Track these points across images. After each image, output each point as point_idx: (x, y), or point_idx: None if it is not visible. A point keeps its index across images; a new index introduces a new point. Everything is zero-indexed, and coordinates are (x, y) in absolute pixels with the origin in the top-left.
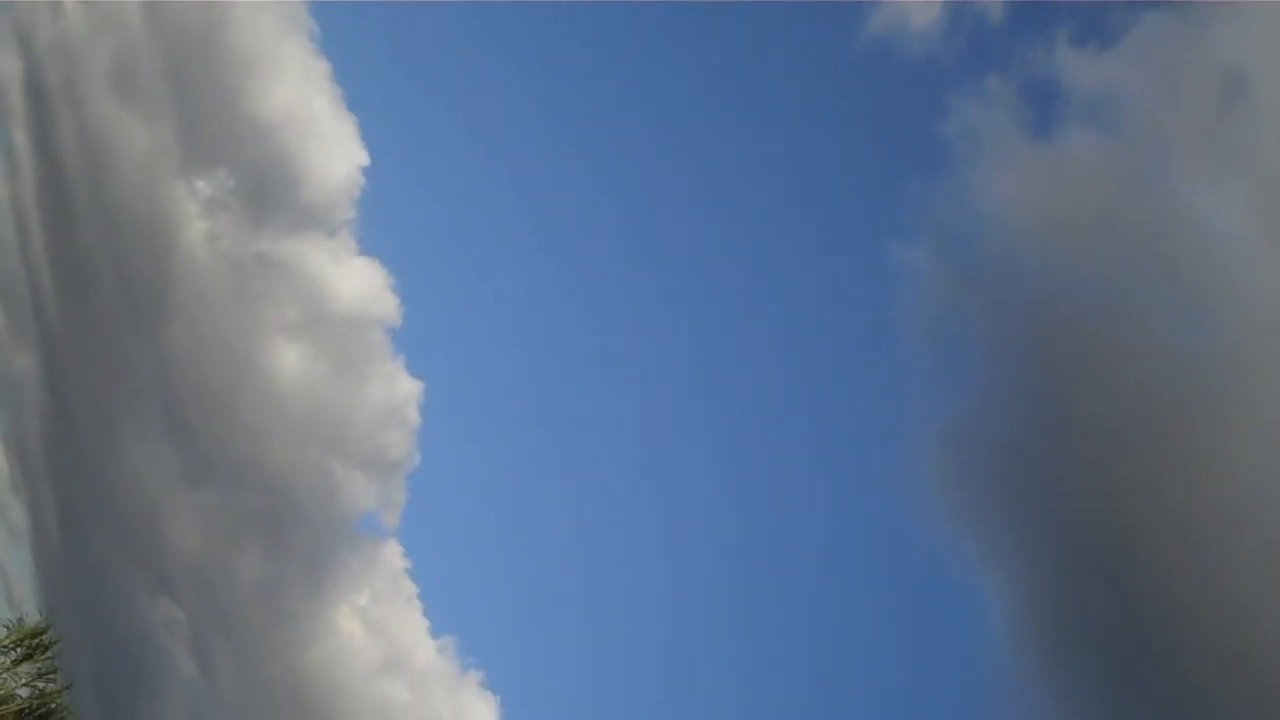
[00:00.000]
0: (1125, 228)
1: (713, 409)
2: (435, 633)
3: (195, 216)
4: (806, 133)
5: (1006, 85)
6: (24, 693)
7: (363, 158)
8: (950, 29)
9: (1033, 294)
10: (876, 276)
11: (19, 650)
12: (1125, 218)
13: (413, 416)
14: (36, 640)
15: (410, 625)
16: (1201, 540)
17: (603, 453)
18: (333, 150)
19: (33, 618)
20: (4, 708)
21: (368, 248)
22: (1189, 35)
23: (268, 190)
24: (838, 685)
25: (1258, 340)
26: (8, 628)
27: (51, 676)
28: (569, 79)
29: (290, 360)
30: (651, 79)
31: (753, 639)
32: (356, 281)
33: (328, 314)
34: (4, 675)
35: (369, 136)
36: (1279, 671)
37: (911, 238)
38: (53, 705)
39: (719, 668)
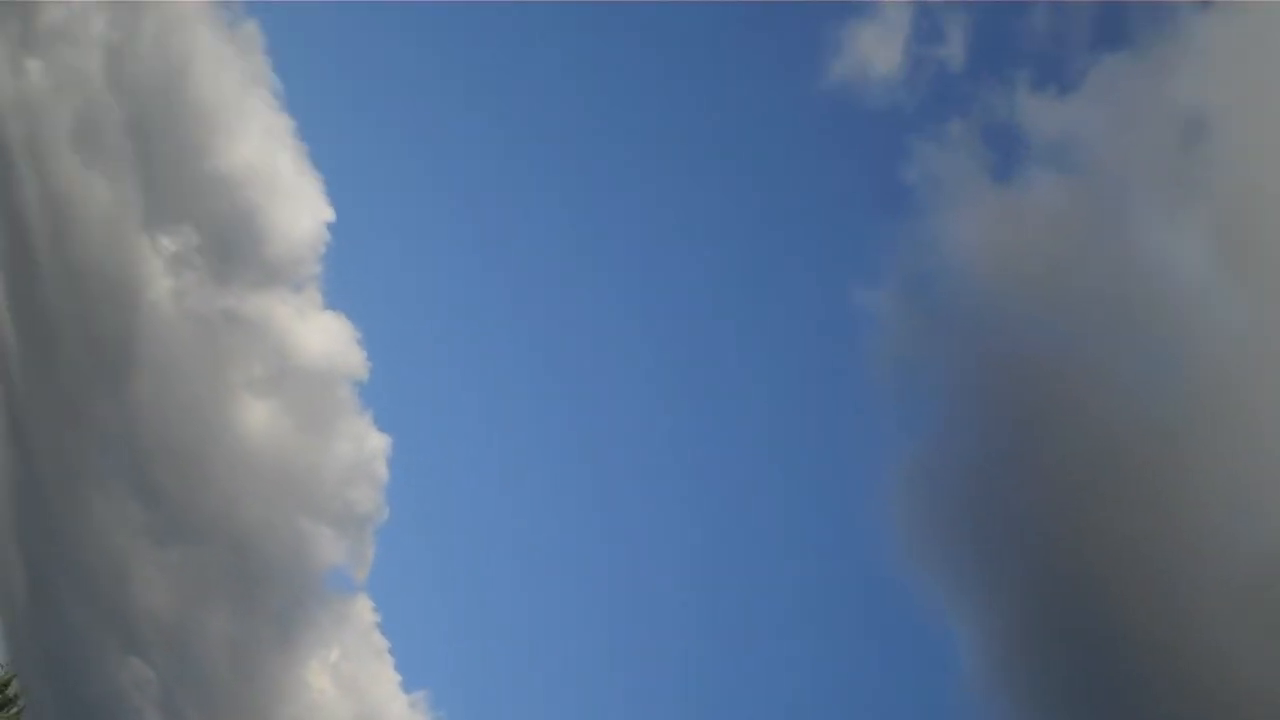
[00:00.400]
0: (1087, 269)
1: (676, 455)
2: (407, 687)
3: (160, 273)
4: (768, 177)
5: (968, 129)
6: None
7: (328, 213)
8: (912, 74)
9: (996, 335)
10: (839, 319)
11: None
12: (1087, 259)
13: (381, 471)
14: (1, 694)
15: (382, 680)
16: (1169, 575)
17: (572, 504)
18: (297, 205)
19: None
20: None
21: (334, 302)
22: (1150, 78)
23: (232, 246)
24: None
25: (1220, 377)
26: None
27: None
28: (534, 130)
29: (257, 416)
30: (615, 127)
31: (719, 681)
32: (323, 337)
33: (295, 369)
34: None
35: (334, 191)
36: (1248, 699)
37: (875, 281)
38: None
39: (689, 706)
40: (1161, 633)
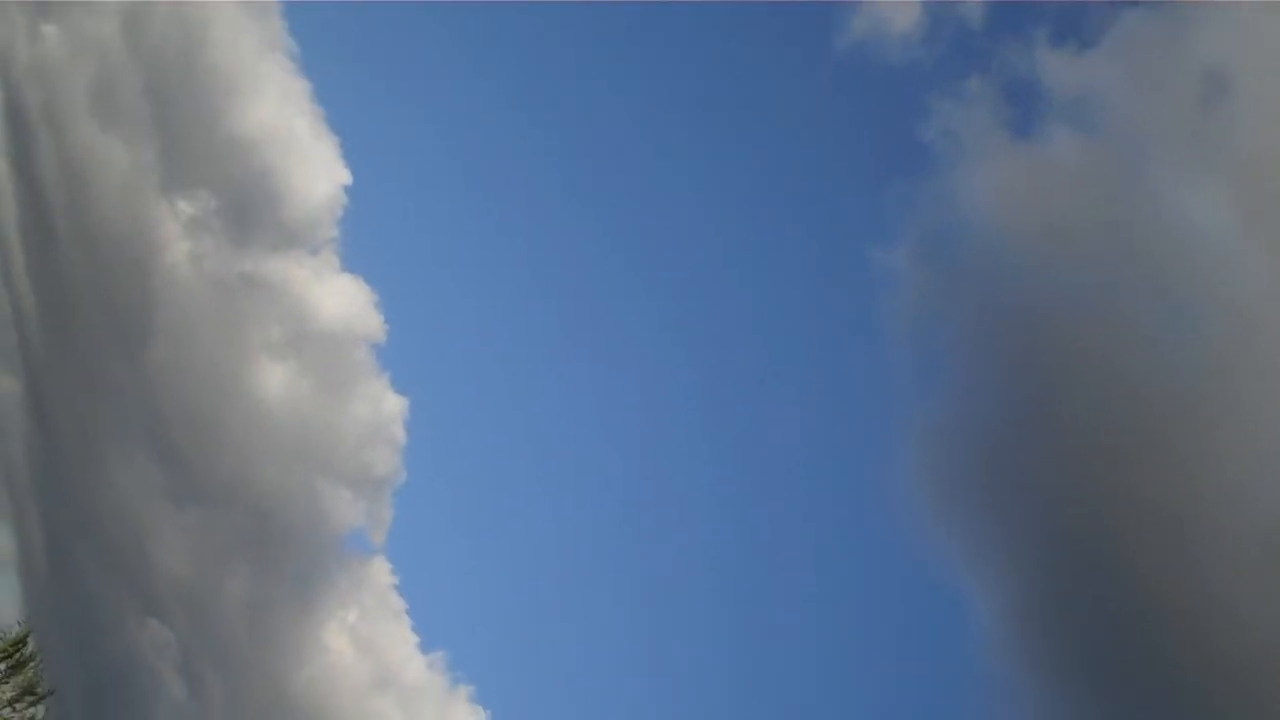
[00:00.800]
0: (1107, 226)
1: (698, 415)
2: (425, 648)
3: (177, 237)
4: (787, 137)
5: (987, 86)
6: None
7: (344, 175)
8: (930, 32)
9: (1015, 294)
10: (859, 279)
11: (4, 665)
12: (1107, 216)
13: (398, 433)
14: (17, 652)
15: (399, 641)
16: (1189, 536)
17: (587, 463)
18: (314, 169)
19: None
20: None
21: (351, 265)
22: (1170, 34)
23: (250, 210)
24: (825, 687)
25: (1241, 335)
26: None
27: (35, 694)
28: (548, 90)
29: (275, 379)
30: (633, 86)
31: (740, 642)
32: (340, 299)
33: (312, 332)
34: None
35: (350, 154)
36: (1267, 664)
37: (894, 240)
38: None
39: (707, 674)
40: (1181, 593)
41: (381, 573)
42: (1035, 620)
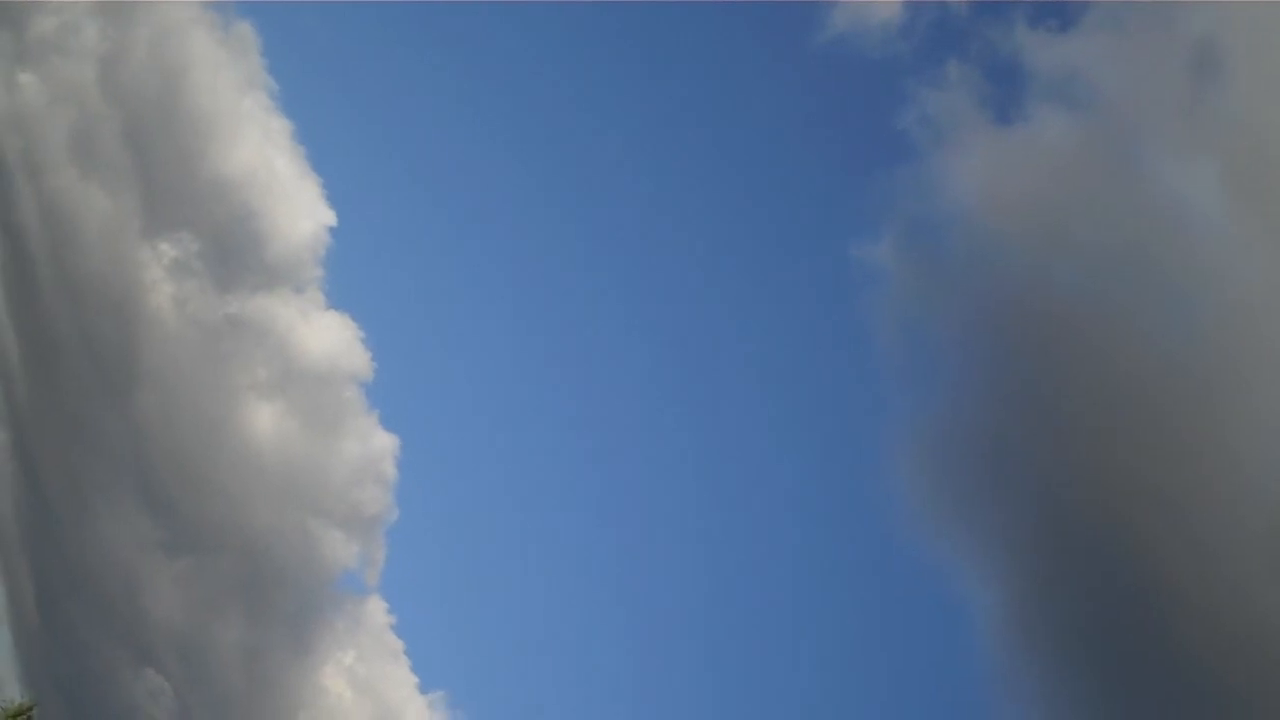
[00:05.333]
0: (1097, 211)
1: (687, 434)
2: (424, 688)
3: (161, 281)
4: (762, 129)
5: (968, 70)
6: None
7: (327, 214)
8: (910, 15)
9: (1006, 283)
10: (843, 274)
11: None
12: (1097, 201)
13: (389, 471)
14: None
15: (398, 682)
16: (1197, 526)
17: (578, 496)
18: (297, 207)
19: (15, 698)
20: None
21: (336, 302)
22: (1157, 9)
23: (233, 251)
24: (823, 691)
25: (1239, 320)
26: None
27: None
28: (530, 122)
29: (263, 420)
30: (608, 82)
31: (737, 652)
32: (327, 337)
33: (299, 371)
34: None
35: (333, 191)
36: (1276, 648)
37: (877, 232)
38: None
39: (705, 688)
40: (1188, 584)
41: (377, 613)
42: (1042, 617)
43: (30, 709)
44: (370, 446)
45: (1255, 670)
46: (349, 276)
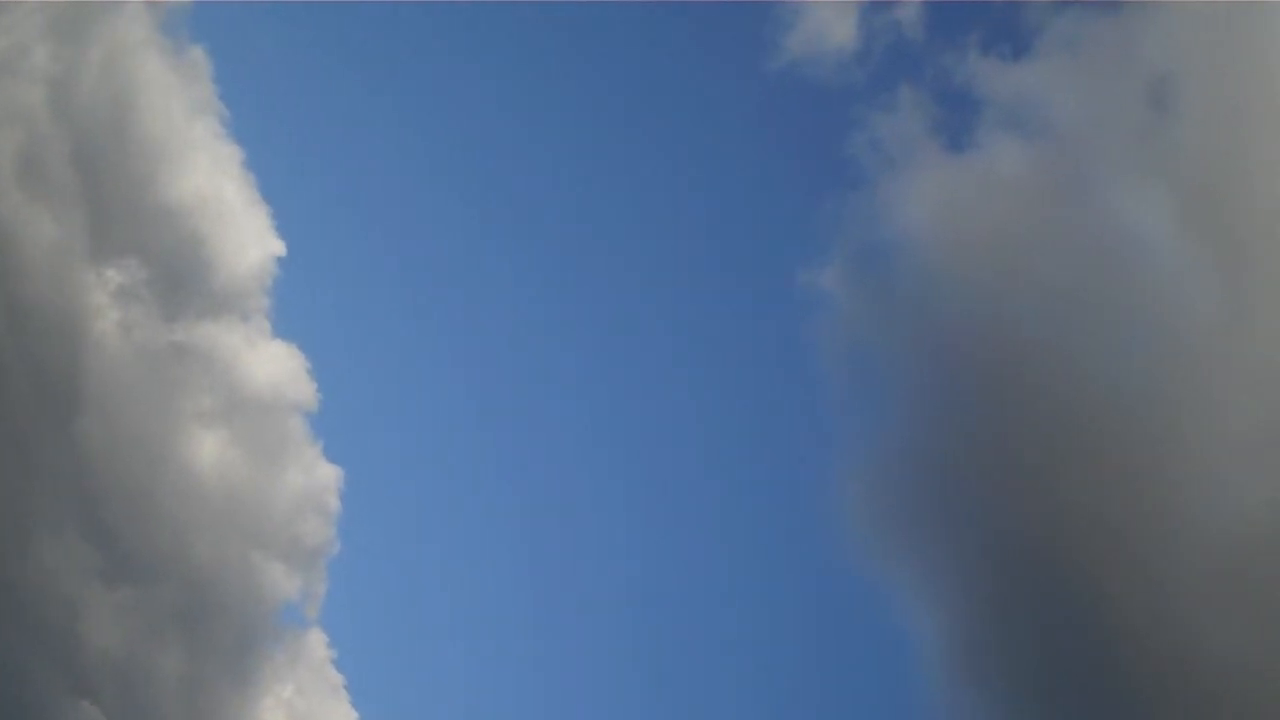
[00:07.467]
0: (1048, 239)
1: (624, 458)
2: None
3: (106, 307)
4: (709, 152)
5: (920, 96)
6: None
7: (276, 243)
8: (864, 40)
9: (954, 311)
10: (790, 300)
11: None
12: (1048, 229)
13: (332, 503)
14: None
15: (338, 717)
16: (1143, 559)
17: (522, 530)
18: (245, 235)
19: None
20: None
21: (283, 332)
22: (1112, 37)
23: (180, 278)
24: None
25: (1191, 353)
26: None
27: None
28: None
29: (207, 450)
30: (555, 108)
31: (677, 682)
32: (272, 367)
33: (243, 400)
34: None
35: (282, 221)
36: (1219, 679)
37: (825, 258)
38: None
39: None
40: (1134, 617)
41: (318, 646)
42: (981, 643)
43: None
44: (314, 478)
45: (1202, 704)
46: (296, 306)
